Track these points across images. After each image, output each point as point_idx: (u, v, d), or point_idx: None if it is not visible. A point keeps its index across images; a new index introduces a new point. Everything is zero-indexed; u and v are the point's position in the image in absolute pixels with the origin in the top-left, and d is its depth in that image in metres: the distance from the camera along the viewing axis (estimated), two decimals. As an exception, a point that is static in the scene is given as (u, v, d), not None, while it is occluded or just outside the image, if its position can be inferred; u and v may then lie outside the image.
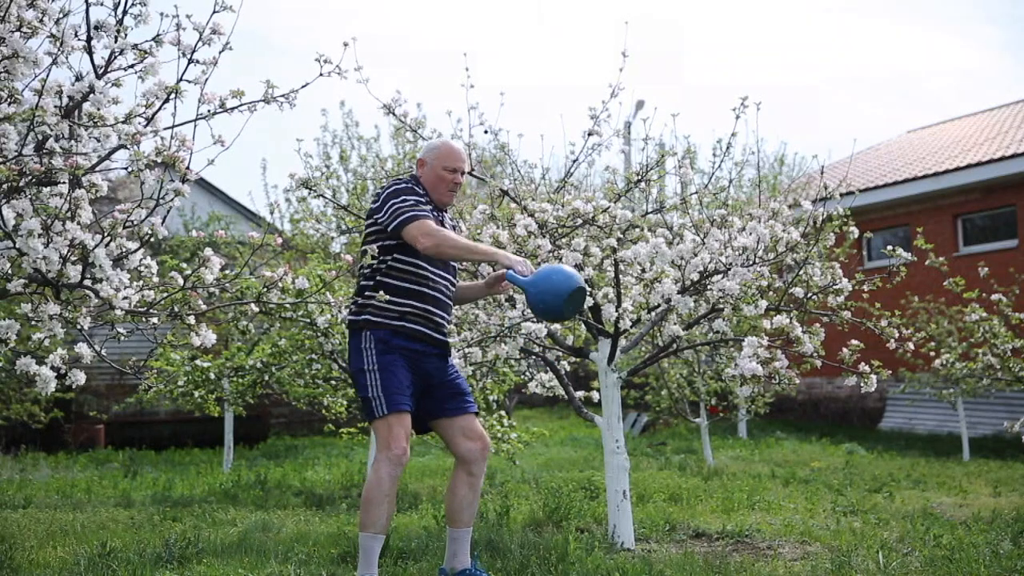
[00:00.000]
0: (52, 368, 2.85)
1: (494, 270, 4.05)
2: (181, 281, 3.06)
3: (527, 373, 7.03)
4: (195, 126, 2.98)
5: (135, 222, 2.92)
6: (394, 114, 4.85)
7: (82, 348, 2.94)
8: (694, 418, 9.67)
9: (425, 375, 3.66)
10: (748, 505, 6.10)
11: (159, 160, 2.82)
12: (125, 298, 2.96)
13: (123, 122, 2.81)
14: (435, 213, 3.71)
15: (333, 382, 7.77)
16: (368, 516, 3.45)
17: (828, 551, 4.47)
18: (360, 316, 3.63)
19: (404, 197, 3.60)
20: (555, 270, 3.53)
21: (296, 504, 6.25)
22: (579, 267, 4.58)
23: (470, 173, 5.01)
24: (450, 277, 3.79)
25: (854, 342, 4.06)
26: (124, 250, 2.97)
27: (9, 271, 2.88)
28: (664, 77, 45.90)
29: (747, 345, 4.02)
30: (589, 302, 4.62)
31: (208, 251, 3.07)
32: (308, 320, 5.69)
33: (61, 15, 2.98)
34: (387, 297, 3.48)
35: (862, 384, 4.09)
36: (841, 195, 4.77)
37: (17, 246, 2.74)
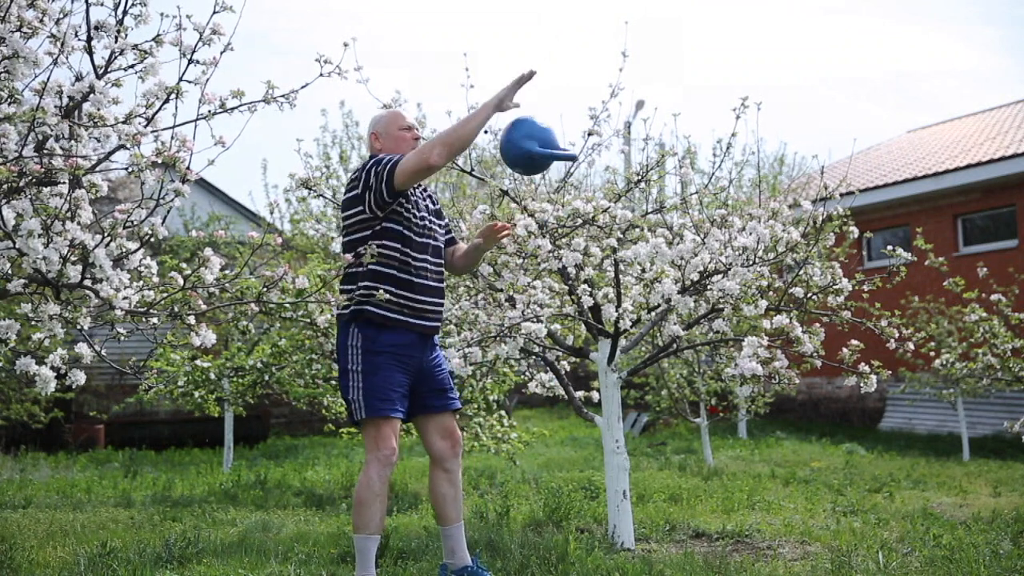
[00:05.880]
0: (52, 368, 2.84)
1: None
2: (181, 281, 3.06)
3: (527, 373, 7.03)
4: (195, 126, 2.98)
5: (135, 222, 2.92)
6: (394, 114, 4.84)
7: (82, 348, 2.94)
8: (694, 418, 9.67)
9: (416, 370, 3.64)
10: (748, 505, 6.09)
11: (159, 160, 2.82)
12: (125, 298, 2.96)
13: (123, 122, 2.81)
14: (416, 190, 3.73)
15: (333, 382, 7.77)
16: (361, 518, 3.44)
17: (828, 551, 4.47)
18: (347, 308, 3.54)
19: (378, 159, 3.61)
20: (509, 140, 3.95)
21: (296, 504, 6.25)
22: (579, 267, 4.58)
23: (470, 173, 5.01)
24: (435, 261, 3.73)
25: (854, 342, 4.06)
26: (124, 250, 2.97)
27: (9, 271, 2.88)
28: (664, 77, 45.89)
29: (747, 345, 4.02)
30: (588, 302, 4.62)
31: (208, 251, 3.07)
32: (308, 320, 5.69)
33: (61, 15, 2.97)
34: (386, 296, 3.33)
35: (862, 384, 4.09)
36: (841, 195, 4.77)
37: (17, 246, 2.73)
